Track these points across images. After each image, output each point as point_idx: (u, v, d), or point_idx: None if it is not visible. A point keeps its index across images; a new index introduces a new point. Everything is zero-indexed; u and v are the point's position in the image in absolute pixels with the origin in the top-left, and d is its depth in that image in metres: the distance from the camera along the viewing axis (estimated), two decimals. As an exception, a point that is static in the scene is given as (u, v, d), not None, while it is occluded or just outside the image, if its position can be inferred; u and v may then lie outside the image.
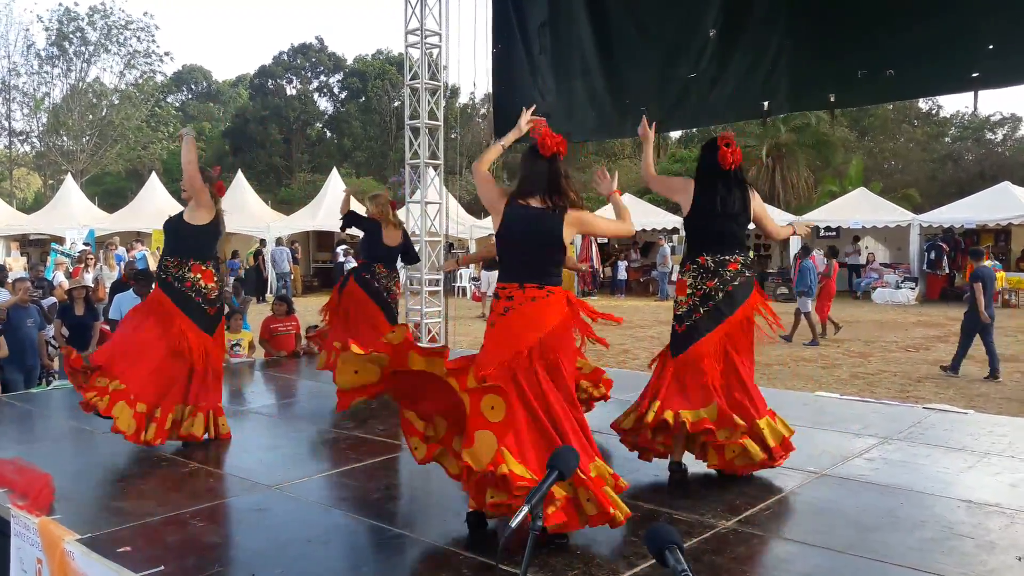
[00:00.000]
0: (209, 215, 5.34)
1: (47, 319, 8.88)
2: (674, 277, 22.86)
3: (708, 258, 4.51)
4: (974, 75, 5.60)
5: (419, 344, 3.76)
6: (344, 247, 24.15)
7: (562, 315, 3.71)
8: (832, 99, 6.37)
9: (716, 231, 4.57)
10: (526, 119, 4.02)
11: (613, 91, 7.78)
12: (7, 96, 42.81)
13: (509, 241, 3.76)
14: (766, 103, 6.73)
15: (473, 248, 25.03)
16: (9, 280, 9.25)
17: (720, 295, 4.48)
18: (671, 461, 4.55)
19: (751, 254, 4.66)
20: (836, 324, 14.47)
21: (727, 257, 4.51)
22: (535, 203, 3.72)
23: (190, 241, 5.32)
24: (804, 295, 13.87)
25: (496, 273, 4.00)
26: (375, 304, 6.86)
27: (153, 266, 15.40)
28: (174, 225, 5.40)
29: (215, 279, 5.36)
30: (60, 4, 52.47)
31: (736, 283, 4.50)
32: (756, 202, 4.64)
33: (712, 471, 4.51)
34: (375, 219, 7.04)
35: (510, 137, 3.98)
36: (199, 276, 5.26)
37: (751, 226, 4.72)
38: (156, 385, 5.12)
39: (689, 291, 4.55)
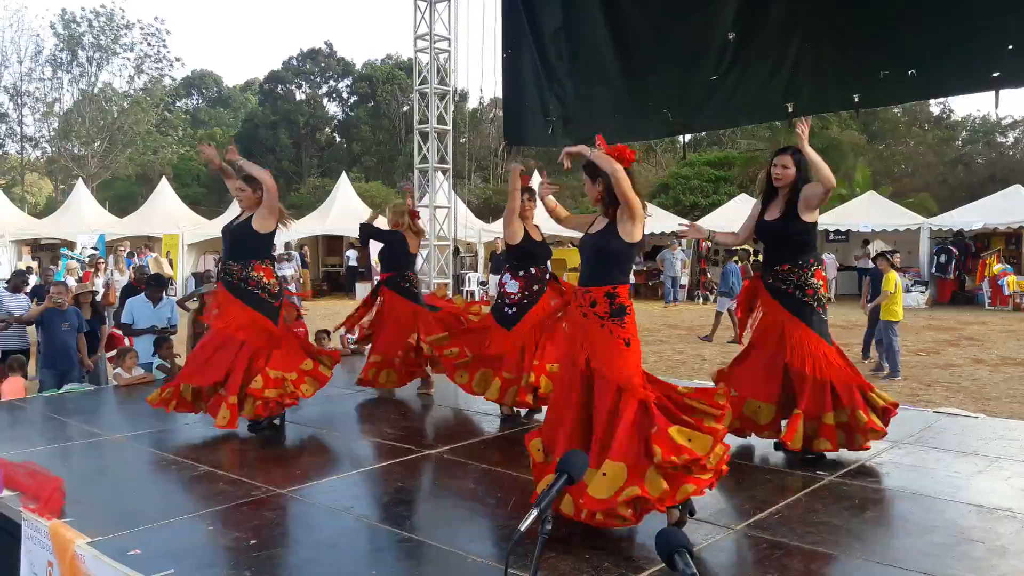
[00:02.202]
0: (274, 221, 5.70)
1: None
2: (683, 281, 22.80)
3: None
4: (995, 74, 5.59)
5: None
6: (353, 251, 24.21)
7: None
8: (856, 100, 6.37)
9: None
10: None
11: (634, 94, 7.80)
12: (19, 102, 43.13)
13: None
14: (790, 105, 6.73)
15: (481, 253, 25.01)
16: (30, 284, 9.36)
17: None
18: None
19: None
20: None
21: None
22: None
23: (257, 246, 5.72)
24: (725, 295, 14.54)
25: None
26: (421, 309, 6.93)
27: (156, 269, 15.47)
28: (240, 232, 5.69)
29: (273, 275, 5.77)
30: (63, 9, 52.98)
31: None
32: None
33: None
34: (396, 229, 7.08)
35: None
36: (261, 274, 5.64)
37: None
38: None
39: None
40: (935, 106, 38.78)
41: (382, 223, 7.45)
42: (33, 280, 13.69)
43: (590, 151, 3.98)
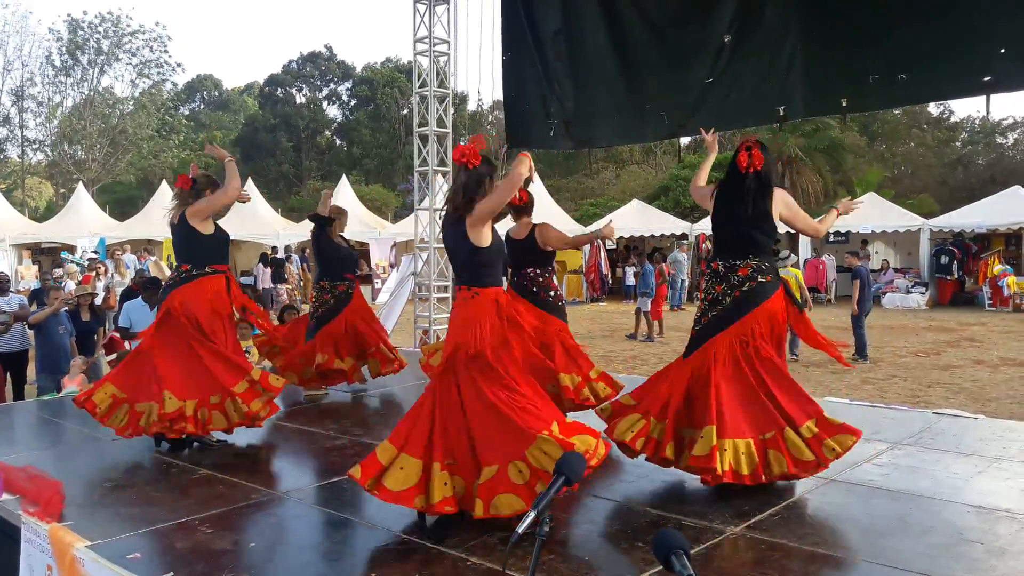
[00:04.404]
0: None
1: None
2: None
3: (720, 263, 4.54)
4: (986, 79, 5.57)
5: None
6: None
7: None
8: (845, 104, 6.35)
9: (728, 236, 4.61)
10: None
11: (632, 96, 7.80)
12: (21, 106, 43.20)
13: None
14: (782, 108, 6.73)
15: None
16: (23, 287, 9.36)
17: (728, 300, 4.46)
18: None
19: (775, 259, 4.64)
20: (654, 330, 15.58)
21: (738, 262, 4.49)
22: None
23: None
24: (645, 296, 15.34)
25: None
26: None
27: (156, 272, 15.49)
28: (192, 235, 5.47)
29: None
30: (68, 14, 53.20)
31: (745, 288, 4.47)
32: (780, 205, 4.52)
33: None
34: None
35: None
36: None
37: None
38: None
39: (703, 295, 4.63)
40: (935, 108, 38.84)
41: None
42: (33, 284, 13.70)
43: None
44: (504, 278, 5.77)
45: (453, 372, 3.90)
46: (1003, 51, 5.38)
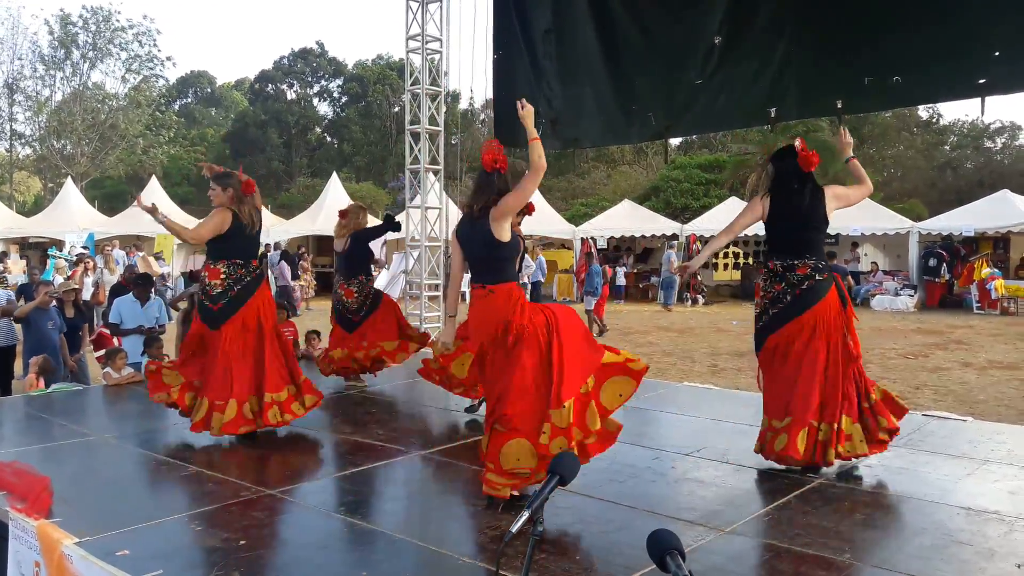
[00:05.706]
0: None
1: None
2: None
3: (776, 263, 4.77)
4: (981, 81, 5.60)
5: None
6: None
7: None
8: (839, 105, 6.38)
9: (784, 235, 4.83)
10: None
11: (620, 97, 7.79)
12: (10, 99, 42.86)
13: None
14: (773, 110, 6.74)
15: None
16: (11, 282, 9.28)
17: (788, 297, 4.71)
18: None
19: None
20: (603, 325, 15.95)
21: (795, 262, 4.70)
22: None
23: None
24: (590, 295, 15.95)
25: None
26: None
27: (144, 268, 15.38)
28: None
29: (221, 276, 5.48)
30: (61, 9, 52.85)
31: (804, 287, 4.68)
32: (832, 201, 4.76)
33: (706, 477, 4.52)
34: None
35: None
36: (206, 274, 5.54)
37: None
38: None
39: (761, 295, 4.87)
40: (924, 111, 38.99)
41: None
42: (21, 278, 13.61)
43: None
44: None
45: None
46: (997, 54, 5.40)
